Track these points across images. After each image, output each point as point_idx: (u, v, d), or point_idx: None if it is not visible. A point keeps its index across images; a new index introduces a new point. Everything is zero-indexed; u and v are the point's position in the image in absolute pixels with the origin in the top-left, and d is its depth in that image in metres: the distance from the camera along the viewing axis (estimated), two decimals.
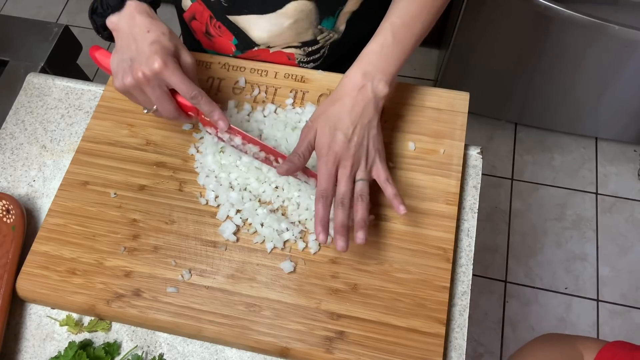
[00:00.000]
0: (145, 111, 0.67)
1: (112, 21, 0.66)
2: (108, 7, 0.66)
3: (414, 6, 0.71)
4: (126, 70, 0.64)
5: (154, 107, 0.66)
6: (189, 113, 0.69)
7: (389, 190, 0.66)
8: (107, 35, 0.69)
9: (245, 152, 0.70)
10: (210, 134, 0.71)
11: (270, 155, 0.69)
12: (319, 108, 0.69)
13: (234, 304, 0.67)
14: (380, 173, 0.67)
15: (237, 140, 0.69)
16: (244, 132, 0.68)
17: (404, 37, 0.70)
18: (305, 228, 0.71)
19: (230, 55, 0.86)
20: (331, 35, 0.82)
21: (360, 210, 0.64)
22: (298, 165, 0.66)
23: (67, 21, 2.23)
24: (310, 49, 0.83)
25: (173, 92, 0.66)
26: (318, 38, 0.82)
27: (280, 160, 0.69)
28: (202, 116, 0.67)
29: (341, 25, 0.82)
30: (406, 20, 0.71)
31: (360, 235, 0.63)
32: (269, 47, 0.82)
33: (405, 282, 0.67)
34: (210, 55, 0.84)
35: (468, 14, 1.55)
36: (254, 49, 0.83)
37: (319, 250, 0.69)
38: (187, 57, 0.67)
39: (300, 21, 0.78)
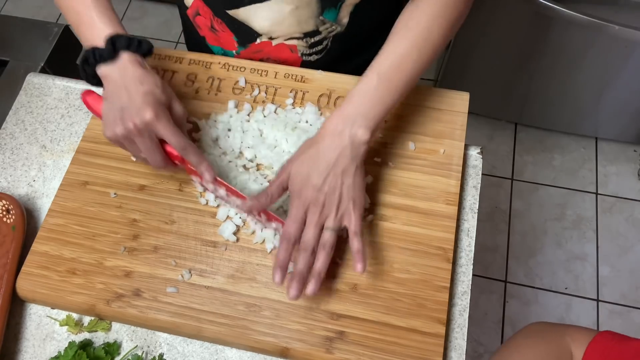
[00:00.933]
0: (134, 159, 0.68)
1: (103, 70, 0.65)
2: (100, 57, 0.65)
3: (403, 45, 0.67)
4: (117, 120, 0.63)
5: (142, 155, 0.66)
6: (176, 162, 0.68)
7: (354, 244, 0.63)
8: (97, 82, 0.68)
9: (229, 204, 0.70)
10: (194, 181, 0.72)
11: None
12: (299, 149, 0.67)
13: (234, 304, 0.67)
14: (350, 223, 0.64)
15: (222, 191, 0.68)
16: (228, 185, 0.68)
17: (391, 78, 0.67)
18: None
19: (235, 51, 0.86)
20: (334, 27, 0.82)
21: (320, 260, 0.63)
22: (263, 204, 0.65)
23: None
24: (312, 40, 0.83)
25: (161, 140, 0.66)
26: (320, 29, 0.81)
27: (262, 214, 0.68)
28: (189, 165, 0.68)
29: (344, 18, 0.81)
30: (394, 60, 0.67)
31: (311, 287, 0.62)
32: (271, 38, 0.82)
33: (405, 282, 0.67)
34: (210, 55, 0.84)
35: (468, 14, 1.55)
36: (256, 42, 0.83)
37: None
38: (178, 107, 0.67)
39: (301, 8, 0.77)
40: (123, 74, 0.64)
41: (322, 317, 0.66)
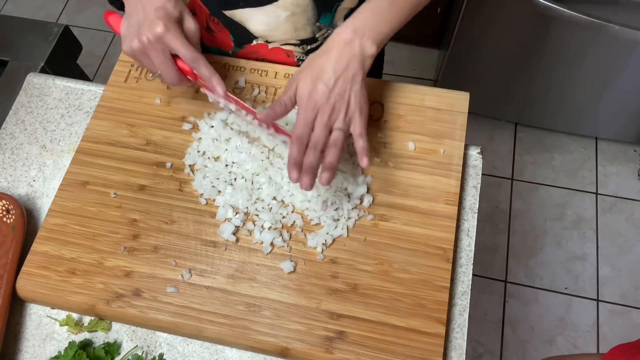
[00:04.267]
0: (151, 75, 0.71)
1: None
2: None
3: None
4: (133, 35, 0.67)
5: (158, 71, 0.69)
6: (189, 77, 0.71)
7: (359, 143, 0.65)
8: (119, 5, 0.71)
9: (240, 117, 0.73)
10: (207, 94, 0.73)
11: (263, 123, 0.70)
12: (306, 60, 0.69)
13: (234, 304, 0.67)
14: (356, 126, 0.66)
15: (232, 106, 0.71)
16: (238, 100, 0.71)
17: (400, 1, 0.69)
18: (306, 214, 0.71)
19: (230, 51, 0.86)
20: (329, 32, 0.82)
21: (331, 155, 0.64)
22: (279, 113, 0.66)
23: (67, 21, 2.23)
24: (309, 47, 0.83)
25: (174, 58, 0.69)
26: (317, 35, 0.82)
27: (271, 127, 0.70)
28: (201, 80, 0.70)
29: (339, 22, 0.82)
30: None
31: (325, 175, 0.63)
32: (267, 41, 0.82)
33: (405, 282, 0.67)
34: (210, 55, 0.84)
35: (468, 14, 1.55)
36: (252, 44, 0.83)
37: (322, 251, 0.69)
38: (190, 23, 0.69)
39: (297, 15, 0.78)
40: None
41: (322, 317, 0.66)
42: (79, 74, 1.12)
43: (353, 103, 0.66)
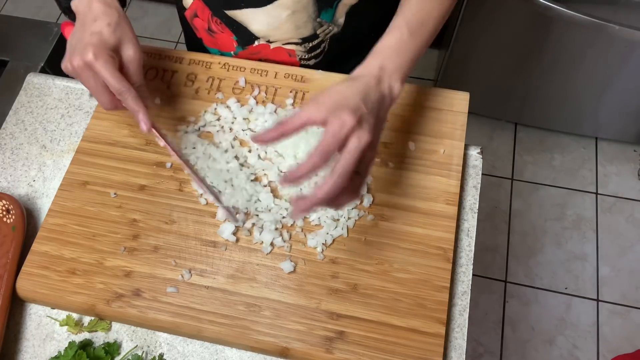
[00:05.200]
0: (90, 95, 0.69)
1: (73, 4, 0.68)
2: None
3: (427, 3, 0.68)
4: (67, 55, 0.65)
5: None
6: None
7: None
8: (73, 17, 0.69)
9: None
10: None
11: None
12: (327, 91, 0.59)
13: (234, 304, 0.67)
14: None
15: (161, 142, 0.70)
16: (163, 139, 0.69)
17: (419, 33, 0.67)
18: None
19: (233, 52, 0.86)
20: (331, 28, 0.82)
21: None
22: (284, 133, 0.58)
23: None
24: (310, 45, 0.83)
25: None
26: (318, 32, 0.81)
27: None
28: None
29: (340, 18, 0.81)
30: (421, 17, 0.68)
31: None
32: (269, 41, 0.82)
33: (405, 282, 0.67)
34: (210, 55, 0.84)
35: (468, 14, 1.55)
36: (254, 45, 0.83)
37: (322, 251, 0.69)
38: (129, 50, 0.66)
39: (298, 13, 0.77)
40: (86, 9, 0.66)
41: (322, 317, 0.66)
42: None
43: (376, 143, 0.59)
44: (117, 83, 0.63)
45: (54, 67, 0.99)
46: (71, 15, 0.69)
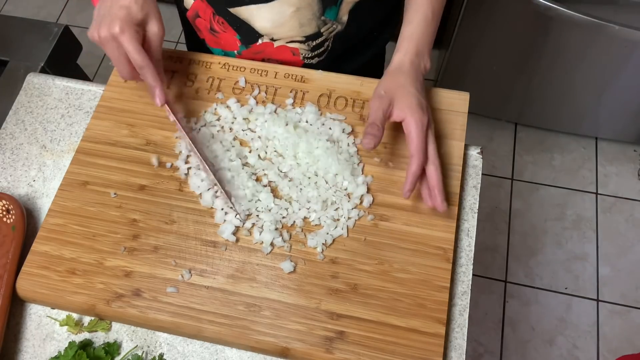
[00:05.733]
0: (110, 63, 0.72)
1: None
2: None
3: None
4: (95, 25, 0.68)
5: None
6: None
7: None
8: None
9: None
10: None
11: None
12: (383, 81, 0.71)
13: (234, 304, 0.67)
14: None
15: (171, 117, 0.74)
16: (175, 117, 0.73)
17: (439, 10, 0.74)
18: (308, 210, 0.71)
19: (236, 51, 0.86)
20: (334, 26, 0.82)
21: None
22: (379, 136, 0.67)
23: (67, 21, 2.23)
24: (314, 43, 0.83)
25: None
26: (322, 30, 0.82)
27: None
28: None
29: (344, 16, 0.82)
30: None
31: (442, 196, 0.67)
32: (272, 39, 0.82)
33: (405, 282, 0.67)
34: (210, 56, 0.84)
35: (468, 14, 1.55)
36: (258, 43, 0.83)
37: (322, 251, 0.69)
38: (154, 27, 0.70)
39: (302, 10, 0.78)
40: None
41: (322, 317, 0.66)
42: (79, 74, 1.12)
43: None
44: (139, 57, 0.67)
45: (54, 67, 0.99)
46: None
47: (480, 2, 1.49)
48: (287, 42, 0.83)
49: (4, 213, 0.73)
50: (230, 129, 0.78)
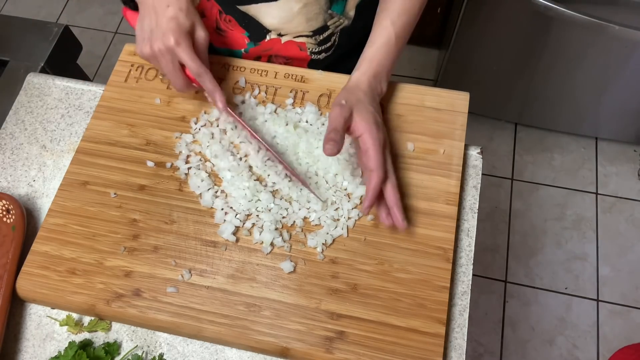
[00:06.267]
0: (162, 76, 0.75)
1: None
2: None
3: (410, 3, 0.74)
4: (145, 40, 0.70)
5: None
6: (196, 85, 0.75)
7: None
8: (133, 6, 0.74)
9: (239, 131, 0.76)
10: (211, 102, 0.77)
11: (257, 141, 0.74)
12: (342, 94, 0.70)
13: (234, 304, 0.67)
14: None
15: (233, 118, 0.75)
16: (238, 117, 0.74)
17: (403, 36, 0.74)
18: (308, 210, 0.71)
19: (244, 49, 0.86)
20: (341, 21, 0.83)
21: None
22: (341, 143, 0.66)
23: (67, 21, 2.23)
24: (321, 37, 0.84)
25: (183, 66, 0.72)
26: (328, 24, 0.82)
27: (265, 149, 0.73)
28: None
29: (351, 11, 0.82)
30: (406, 19, 0.74)
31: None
32: (280, 35, 0.83)
33: (405, 282, 0.67)
34: (210, 56, 0.84)
35: (468, 14, 1.55)
36: (266, 40, 0.84)
37: (322, 251, 0.69)
38: (201, 31, 0.72)
39: (310, 5, 0.79)
40: None
41: (322, 317, 0.66)
42: (79, 74, 1.12)
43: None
44: (197, 66, 0.70)
45: (54, 67, 0.99)
46: (130, 4, 0.74)
47: (480, 2, 1.49)
48: (295, 37, 0.83)
49: (4, 213, 0.73)
50: (230, 128, 0.78)
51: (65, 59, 1.05)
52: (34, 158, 0.81)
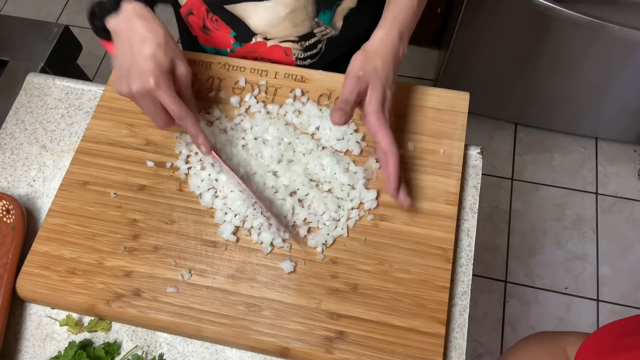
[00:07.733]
0: (142, 112, 0.70)
1: (110, 23, 0.66)
2: (105, 9, 0.66)
3: None
4: (123, 79, 0.65)
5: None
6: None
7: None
8: (107, 36, 0.69)
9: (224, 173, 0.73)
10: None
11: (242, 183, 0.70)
12: (359, 59, 0.68)
13: (234, 304, 0.67)
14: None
15: (217, 162, 0.71)
16: (223, 160, 0.70)
17: (419, 5, 0.73)
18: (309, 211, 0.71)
19: (229, 49, 0.86)
20: (328, 30, 0.82)
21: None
22: (350, 114, 0.66)
23: (67, 21, 2.23)
24: (307, 44, 0.83)
25: None
26: (315, 31, 0.82)
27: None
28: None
29: (338, 22, 0.82)
30: None
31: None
32: (266, 38, 0.82)
33: (405, 282, 0.67)
34: (210, 55, 0.84)
35: (468, 14, 1.55)
36: (251, 42, 0.83)
37: (322, 251, 0.69)
38: (182, 68, 0.68)
39: (297, 11, 0.78)
40: (128, 27, 0.65)
41: (322, 317, 0.66)
42: (79, 74, 1.12)
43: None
44: (178, 109, 0.65)
45: (54, 67, 0.99)
46: (104, 34, 0.68)
47: (480, 2, 1.49)
48: (280, 42, 0.83)
49: (4, 213, 0.73)
50: (231, 128, 0.78)
51: (65, 59, 1.05)
52: (34, 158, 0.81)
